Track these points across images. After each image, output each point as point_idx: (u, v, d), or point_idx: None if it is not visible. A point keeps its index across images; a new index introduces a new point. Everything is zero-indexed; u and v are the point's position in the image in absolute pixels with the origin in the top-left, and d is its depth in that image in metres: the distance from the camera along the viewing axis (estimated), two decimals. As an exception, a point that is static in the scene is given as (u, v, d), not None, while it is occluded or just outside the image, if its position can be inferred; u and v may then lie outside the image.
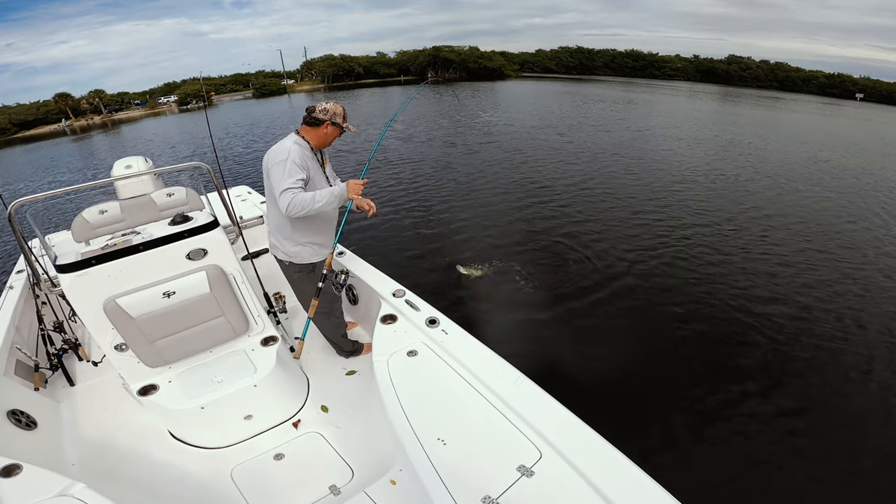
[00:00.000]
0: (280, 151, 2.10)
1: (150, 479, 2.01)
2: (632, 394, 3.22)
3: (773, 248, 5.77)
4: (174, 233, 2.12)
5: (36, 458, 1.80)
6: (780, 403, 3.14)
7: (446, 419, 1.63)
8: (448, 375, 1.82)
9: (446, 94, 29.75)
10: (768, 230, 6.38)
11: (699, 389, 3.23)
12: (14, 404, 2.04)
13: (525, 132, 14.74)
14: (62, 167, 17.37)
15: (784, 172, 10.13)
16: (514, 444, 1.50)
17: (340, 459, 2.07)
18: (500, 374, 1.78)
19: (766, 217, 6.96)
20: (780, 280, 4.89)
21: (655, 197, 7.84)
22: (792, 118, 24.59)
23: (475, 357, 1.89)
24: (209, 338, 2.24)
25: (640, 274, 4.99)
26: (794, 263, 5.33)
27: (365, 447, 2.08)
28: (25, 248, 2.02)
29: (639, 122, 17.60)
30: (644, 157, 11.08)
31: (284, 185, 1.99)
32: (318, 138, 2.20)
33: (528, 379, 1.76)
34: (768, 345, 3.75)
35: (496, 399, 1.68)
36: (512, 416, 1.60)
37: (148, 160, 4.21)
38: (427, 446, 1.51)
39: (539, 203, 7.46)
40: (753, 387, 3.28)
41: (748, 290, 4.64)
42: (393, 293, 2.40)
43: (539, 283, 4.74)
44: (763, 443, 2.83)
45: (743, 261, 5.37)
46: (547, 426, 1.54)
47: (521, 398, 1.66)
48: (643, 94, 32.01)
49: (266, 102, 42.27)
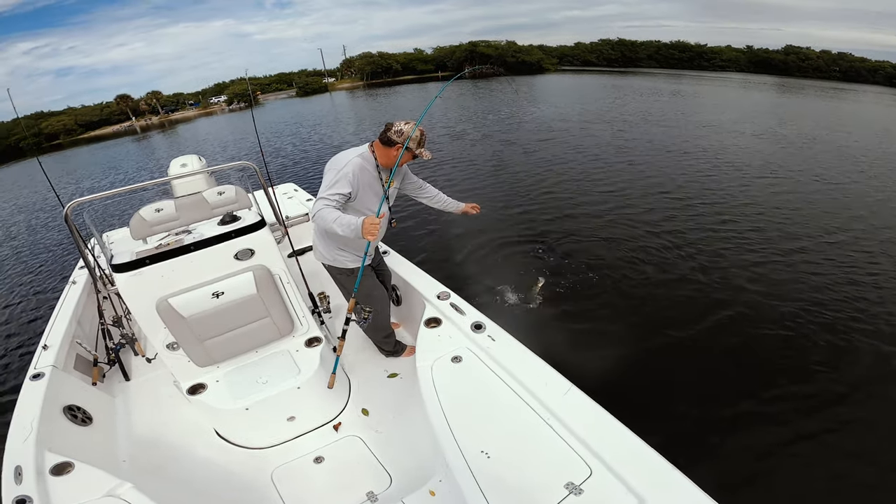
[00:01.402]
0: (341, 160, 2.07)
1: (195, 478, 2.05)
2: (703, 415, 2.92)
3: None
4: (223, 233, 2.15)
5: (89, 454, 1.85)
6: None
7: (490, 430, 1.56)
8: (493, 384, 1.75)
9: (490, 89, 29.09)
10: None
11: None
12: (72, 399, 2.12)
13: (580, 128, 13.77)
14: (125, 166, 18.65)
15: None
16: (563, 459, 1.41)
17: (379, 465, 2.04)
18: (548, 383, 1.69)
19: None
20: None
21: (748, 202, 6.89)
22: (873, 111, 21.55)
23: (522, 365, 1.81)
24: (255, 338, 2.27)
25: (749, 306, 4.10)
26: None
27: (405, 454, 2.04)
28: (82, 247, 2.10)
29: (705, 117, 15.97)
30: (720, 156, 9.90)
31: (323, 193, 1.98)
32: (387, 158, 2.10)
33: (577, 389, 1.65)
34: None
35: (543, 410, 1.59)
36: (560, 429, 1.51)
37: (202, 158, 4.38)
38: (470, 458, 1.45)
39: (617, 208, 6.67)
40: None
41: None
42: (437, 295, 2.35)
43: (623, 303, 4.20)
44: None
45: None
46: (598, 440, 1.44)
47: (571, 409, 1.57)
48: (696, 86, 29.52)
49: (309, 101, 43.48)
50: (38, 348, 2.35)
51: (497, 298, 4.29)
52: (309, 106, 36.06)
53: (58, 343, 2.39)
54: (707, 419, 2.87)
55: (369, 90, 47.44)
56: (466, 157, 10.56)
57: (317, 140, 16.71)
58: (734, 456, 2.62)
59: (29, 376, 2.12)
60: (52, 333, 2.50)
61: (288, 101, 47.52)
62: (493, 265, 5.02)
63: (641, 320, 3.93)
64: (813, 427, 2.77)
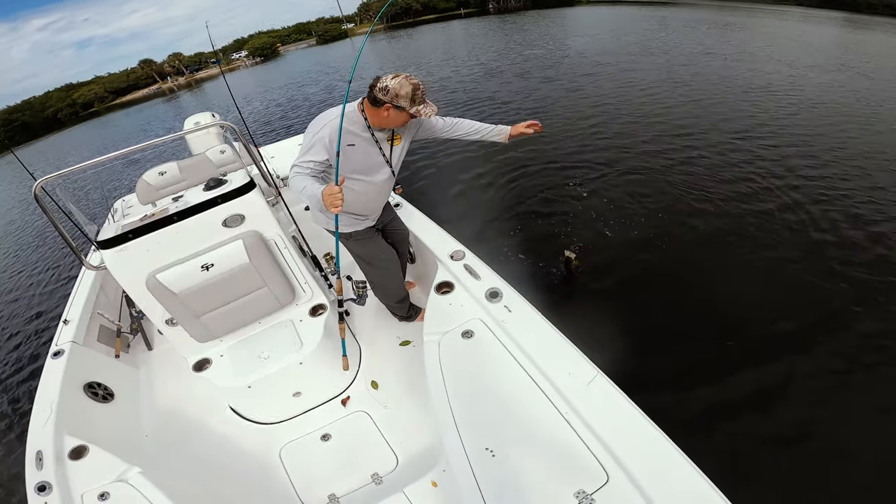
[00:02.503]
0: (318, 122, 1.78)
1: (209, 453, 2.04)
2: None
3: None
4: (208, 199, 1.95)
5: (109, 434, 1.87)
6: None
7: (498, 424, 1.37)
8: (507, 366, 1.52)
9: (519, 25, 26.62)
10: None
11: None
12: (93, 376, 2.11)
13: (628, 63, 11.72)
14: (156, 125, 18.92)
15: None
16: (577, 462, 1.20)
17: (386, 445, 1.94)
18: (570, 370, 1.43)
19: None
20: None
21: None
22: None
23: (542, 344, 1.55)
24: (255, 310, 2.13)
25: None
26: None
27: (412, 433, 1.94)
28: (58, 226, 1.96)
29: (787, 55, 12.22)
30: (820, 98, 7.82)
31: (297, 159, 1.78)
32: (379, 120, 1.79)
33: (604, 377, 1.38)
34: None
35: (562, 402, 1.35)
36: (579, 426, 1.28)
37: (215, 115, 4.20)
38: (472, 456, 1.28)
39: (677, 155, 5.56)
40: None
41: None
42: (451, 255, 2.09)
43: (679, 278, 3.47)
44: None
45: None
46: (621, 442, 1.21)
47: (594, 403, 1.32)
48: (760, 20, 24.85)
49: (330, 48, 42.09)
50: (59, 323, 2.33)
51: (521, 257, 3.90)
52: (329, 52, 34.88)
53: (77, 316, 2.38)
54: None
55: (390, 32, 45.13)
56: (500, 98, 9.66)
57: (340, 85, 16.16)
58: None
59: (50, 354, 2.12)
60: (72, 307, 2.48)
61: (308, 51, 46.28)
62: (522, 219, 4.58)
63: (706, 307, 3.12)
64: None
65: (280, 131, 11.13)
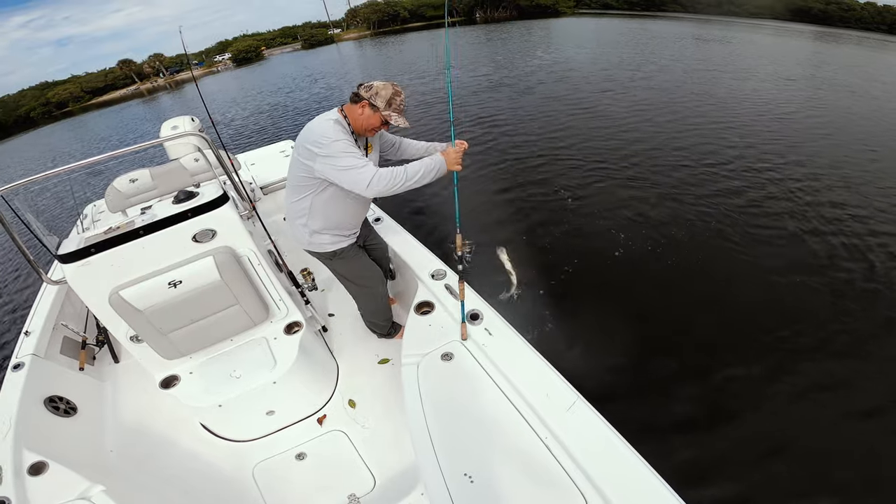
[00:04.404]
0: (324, 128, 1.73)
1: (177, 470, 1.97)
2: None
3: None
4: (177, 213, 1.86)
5: (70, 450, 1.80)
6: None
7: (477, 449, 1.34)
8: (486, 390, 1.50)
9: (502, 36, 27.05)
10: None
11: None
12: (54, 389, 2.02)
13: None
14: (136, 127, 18.38)
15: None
16: (556, 488, 1.20)
17: (363, 465, 1.90)
18: (550, 394, 1.43)
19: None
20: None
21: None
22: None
23: (522, 368, 1.54)
24: (226, 328, 2.05)
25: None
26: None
27: (390, 454, 1.90)
28: (16, 238, 1.84)
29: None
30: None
31: (358, 162, 1.67)
32: (354, 118, 1.81)
33: (584, 402, 1.39)
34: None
35: (542, 427, 1.35)
36: (558, 452, 1.28)
37: (194, 119, 4.06)
38: (450, 481, 1.26)
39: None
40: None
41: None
42: (432, 274, 2.07)
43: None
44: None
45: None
46: (600, 469, 1.22)
47: (573, 428, 1.33)
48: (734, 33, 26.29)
49: (315, 53, 41.84)
50: (20, 335, 2.23)
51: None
52: (314, 58, 34.66)
53: (40, 328, 2.28)
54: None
55: (377, 38, 45.15)
56: (485, 115, 9.47)
57: (324, 93, 16.11)
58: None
59: (10, 367, 2.03)
60: (35, 318, 2.38)
61: (293, 55, 45.88)
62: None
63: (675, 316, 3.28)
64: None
65: (266, 137, 10.89)
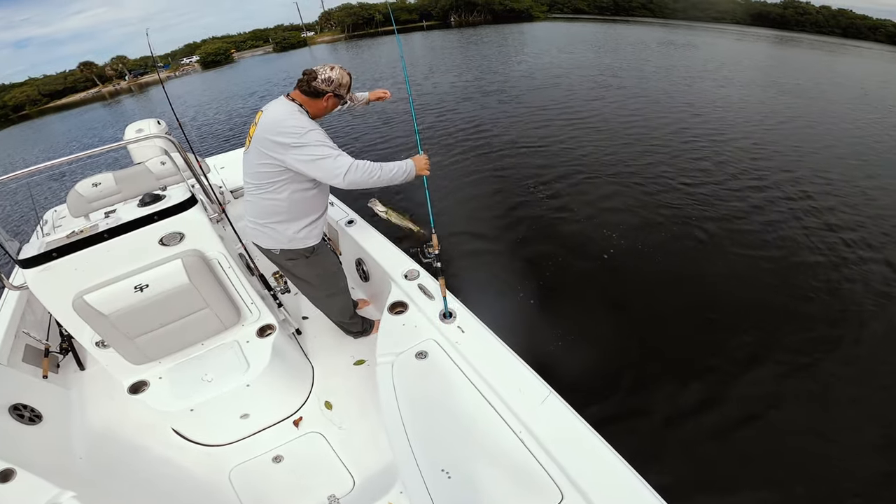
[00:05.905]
0: (296, 119, 1.70)
1: (150, 476, 1.92)
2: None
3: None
4: (143, 216, 1.82)
5: (37, 457, 1.74)
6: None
7: (454, 445, 1.38)
8: (461, 387, 1.54)
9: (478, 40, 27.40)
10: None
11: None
12: (18, 398, 1.93)
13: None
14: (99, 131, 17.67)
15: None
16: (532, 481, 1.24)
17: (342, 466, 1.89)
18: (523, 389, 1.47)
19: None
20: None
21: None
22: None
23: (495, 365, 1.59)
24: (196, 331, 2.01)
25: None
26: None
27: (368, 453, 1.90)
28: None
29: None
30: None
31: (333, 151, 1.67)
32: (318, 110, 1.84)
33: (556, 396, 1.44)
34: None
35: (516, 422, 1.39)
36: (532, 445, 1.32)
37: (160, 122, 3.95)
38: (428, 478, 1.28)
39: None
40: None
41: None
42: (405, 275, 2.10)
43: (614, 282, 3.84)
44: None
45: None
46: (574, 461, 1.26)
47: (546, 422, 1.37)
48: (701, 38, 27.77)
49: (288, 55, 41.25)
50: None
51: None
52: (287, 60, 34.18)
53: (1, 335, 2.20)
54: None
55: (352, 42, 44.91)
56: (460, 120, 9.65)
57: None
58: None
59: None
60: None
61: (265, 58, 45.11)
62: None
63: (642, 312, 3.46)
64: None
65: (235, 141, 10.63)
